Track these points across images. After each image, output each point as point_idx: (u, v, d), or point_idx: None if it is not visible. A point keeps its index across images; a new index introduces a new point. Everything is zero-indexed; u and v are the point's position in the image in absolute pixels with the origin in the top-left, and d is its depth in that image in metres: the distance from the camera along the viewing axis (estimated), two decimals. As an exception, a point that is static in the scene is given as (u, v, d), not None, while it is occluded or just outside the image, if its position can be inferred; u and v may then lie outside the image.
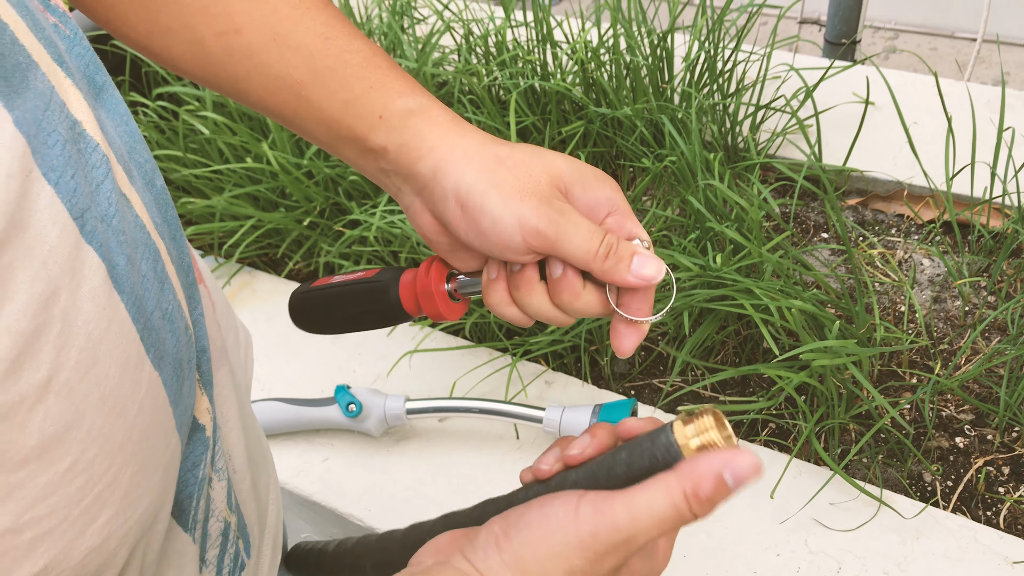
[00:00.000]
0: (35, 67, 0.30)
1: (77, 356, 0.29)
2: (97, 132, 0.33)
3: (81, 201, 0.30)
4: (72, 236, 0.29)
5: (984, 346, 0.90)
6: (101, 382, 0.30)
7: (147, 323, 0.33)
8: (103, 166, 0.32)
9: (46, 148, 0.29)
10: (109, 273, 0.31)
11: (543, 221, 0.46)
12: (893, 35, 2.87)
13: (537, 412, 0.82)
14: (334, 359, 0.99)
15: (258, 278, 1.11)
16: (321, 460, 0.88)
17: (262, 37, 0.48)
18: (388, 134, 0.49)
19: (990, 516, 0.78)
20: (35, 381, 0.28)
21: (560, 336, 0.91)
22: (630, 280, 0.47)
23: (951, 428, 0.84)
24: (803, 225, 1.07)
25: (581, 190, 0.49)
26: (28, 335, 0.27)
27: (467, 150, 0.48)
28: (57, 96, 0.31)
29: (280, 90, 0.49)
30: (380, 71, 0.50)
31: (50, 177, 0.29)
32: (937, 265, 0.99)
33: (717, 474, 0.37)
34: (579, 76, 1.14)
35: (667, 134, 1.01)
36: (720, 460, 0.38)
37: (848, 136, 1.08)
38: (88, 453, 0.30)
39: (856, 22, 1.44)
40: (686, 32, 1.14)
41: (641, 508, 0.38)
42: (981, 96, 1.14)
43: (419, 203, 0.50)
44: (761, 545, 0.76)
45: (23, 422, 0.28)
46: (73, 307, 0.29)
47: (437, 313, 0.53)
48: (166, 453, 0.36)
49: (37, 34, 0.31)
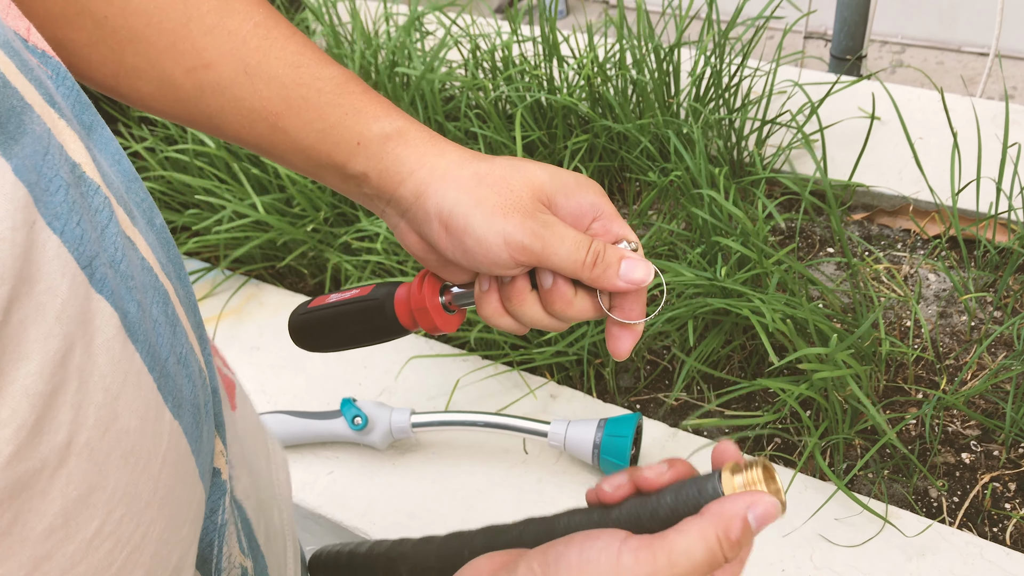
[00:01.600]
0: (30, 110, 0.28)
1: (96, 413, 0.28)
2: (96, 173, 0.31)
3: (89, 248, 0.29)
4: (82, 287, 0.28)
5: (990, 361, 0.90)
6: (122, 438, 0.29)
7: (163, 370, 0.32)
8: (106, 209, 0.31)
9: (48, 195, 0.27)
10: (122, 321, 0.30)
11: (528, 236, 0.46)
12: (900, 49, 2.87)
13: (542, 426, 0.82)
14: (340, 372, 0.99)
15: (265, 291, 1.11)
16: (326, 473, 0.89)
17: (232, 71, 0.48)
18: (367, 160, 0.49)
19: (996, 532, 0.77)
20: (55, 444, 0.26)
21: (564, 348, 0.91)
22: (619, 285, 0.48)
23: (957, 444, 0.84)
24: (809, 240, 1.07)
25: (564, 198, 0.49)
26: (46, 396, 0.26)
27: (446, 171, 0.48)
28: (55, 139, 0.29)
29: (255, 123, 0.49)
30: (354, 96, 0.49)
31: (55, 226, 0.27)
32: (943, 280, 0.99)
33: (743, 515, 0.38)
34: (585, 91, 1.14)
35: (672, 148, 1.01)
36: (743, 502, 0.39)
37: (854, 151, 1.08)
38: (115, 515, 0.29)
39: (862, 37, 1.45)
40: (692, 47, 1.14)
41: (679, 554, 0.38)
42: (987, 111, 1.14)
43: (404, 224, 0.51)
44: (766, 561, 0.76)
45: (45, 489, 0.26)
46: (88, 362, 0.28)
47: (433, 326, 0.53)
48: (192, 504, 0.35)
49: (27, 75, 0.29)
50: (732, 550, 0.38)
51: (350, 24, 1.27)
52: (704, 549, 0.38)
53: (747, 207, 0.97)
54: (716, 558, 0.38)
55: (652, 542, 0.38)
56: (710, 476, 0.41)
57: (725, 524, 0.38)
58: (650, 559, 0.38)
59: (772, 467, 0.40)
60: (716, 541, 0.38)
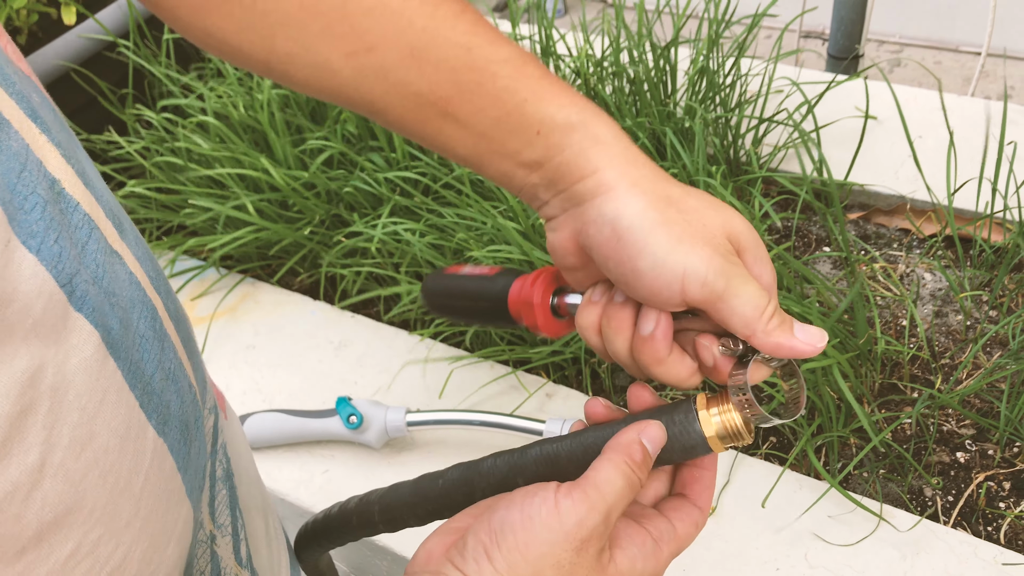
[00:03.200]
0: (7, 125, 0.28)
1: (71, 433, 0.27)
2: (78, 188, 0.31)
3: (68, 266, 0.28)
4: (59, 305, 0.27)
5: (985, 360, 0.90)
6: (100, 458, 0.28)
7: (147, 387, 0.31)
8: (86, 226, 0.30)
9: (23, 214, 0.27)
10: (103, 339, 0.29)
11: (713, 272, 0.41)
12: (897, 48, 2.88)
13: (538, 425, 0.82)
14: (336, 371, 0.99)
15: (261, 289, 1.11)
16: (322, 471, 0.89)
17: (397, 54, 0.44)
18: (547, 150, 0.45)
19: (991, 531, 0.77)
20: (26, 467, 0.26)
21: (560, 348, 0.91)
22: (797, 345, 0.42)
23: (952, 443, 0.84)
24: (805, 239, 1.07)
25: (752, 259, 0.45)
26: (14, 418, 0.25)
27: (637, 181, 0.44)
28: (33, 155, 0.29)
29: (422, 108, 0.45)
30: (533, 80, 0.45)
31: (31, 244, 0.27)
32: (939, 279, 0.99)
33: (638, 440, 0.43)
34: (582, 89, 1.14)
35: (668, 146, 1.01)
36: (635, 429, 0.43)
37: (850, 150, 1.08)
38: (91, 535, 0.28)
39: (859, 36, 1.45)
40: (689, 45, 1.14)
41: (602, 483, 0.41)
42: (984, 110, 1.14)
43: (565, 218, 0.46)
44: (760, 559, 0.76)
45: (19, 512, 0.26)
46: (63, 381, 0.27)
47: (535, 324, 0.51)
48: (178, 523, 0.34)
49: (7, 88, 0.29)
50: (641, 470, 0.42)
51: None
52: (620, 475, 0.41)
53: (743, 206, 0.97)
54: (632, 480, 0.42)
55: (578, 483, 0.41)
56: (684, 403, 0.45)
57: (627, 450, 0.42)
58: (583, 496, 0.40)
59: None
60: (626, 465, 0.42)
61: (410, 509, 0.49)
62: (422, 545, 0.44)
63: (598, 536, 0.40)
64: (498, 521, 0.41)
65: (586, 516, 0.40)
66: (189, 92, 1.27)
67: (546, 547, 0.39)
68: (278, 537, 0.55)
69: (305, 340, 1.03)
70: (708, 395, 0.45)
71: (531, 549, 0.39)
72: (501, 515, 0.41)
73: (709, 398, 0.45)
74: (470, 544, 0.41)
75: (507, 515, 0.41)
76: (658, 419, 0.44)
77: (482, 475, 0.47)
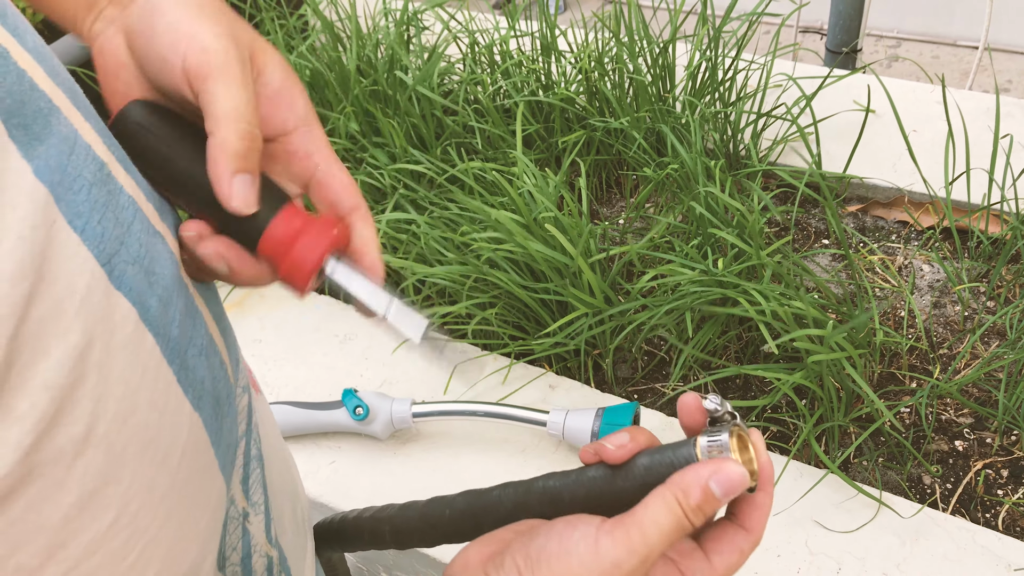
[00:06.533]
0: (57, 112, 0.29)
1: (115, 407, 0.28)
2: (121, 173, 0.32)
3: (109, 246, 0.29)
4: (102, 283, 0.29)
5: (983, 350, 0.91)
6: (140, 431, 0.30)
7: (183, 363, 0.32)
8: (131, 207, 0.32)
9: (71, 194, 0.28)
10: (141, 316, 0.30)
11: (218, 47, 0.37)
12: (895, 43, 2.88)
13: (541, 415, 0.83)
14: (342, 364, 1.00)
15: (266, 284, 1.12)
16: (328, 463, 0.90)
17: None
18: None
19: (989, 518, 0.79)
20: (73, 436, 0.27)
21: (563, 340, 0.92)
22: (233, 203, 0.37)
23: (950, 431, 0.85)
24: (804, 232, 1.08)
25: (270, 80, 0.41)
26: (65, 389, 0.27)
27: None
28: (81, 139, 0.30)
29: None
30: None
31: (76, 224, 0.28)
32: (937, 271, 1.00)
33: (704, 484, 0.39)
34: (583, 85, 1.15)
35: (668, 143, 1.02)
36: (708, 470, 0.39)
37: (849, 143, 1.09)
38: (131, 507, 0.29)
39: (857, 31, 1.46)
40: (687, 41, 1.15)
41: (648, 525, 0.39)
42: (981, 104, 1.15)
43: (117, 28, 0.42)
44: (761, 546, 0.77)
45: (62, 479, 0.27)
46: (108, 357, 0.28)
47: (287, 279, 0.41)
48: (211, 496, 0.35)
49: (54, 79, 0.30)
50: (696, 515, 0.39)
51: (350, 20, 1.28)
52: (669, 517, 0.39)
53: (743, 199, 0.98)
54: (682, 524, 0.39)
55: (623, 520, 0.40)
56: (687, 440, 0.42)
57: (685, 490, 0.39)
58: (625, 537, 0.39)
59: (747, 436, 0.41)
60: (679, 507, 0.39)
61: (420, 534, 0.50)
62: (463, 551, 0.44)
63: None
64: (536, 548, 0.40)
65: (624, 558, 0.39)
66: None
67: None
68: (304, 524, 0.56)
69: (311, 333, 1.04)
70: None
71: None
72: (540, 543, 0.41)
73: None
74: (507, 564, 0.41)
75: (546, 544, 0.40)
76: (659, 454, 0.42)
77: (488, 509, 0.47)
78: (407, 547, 0.51)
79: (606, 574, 0.39)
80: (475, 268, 0.92)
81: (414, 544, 0.51)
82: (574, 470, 0.45)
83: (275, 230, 0.40)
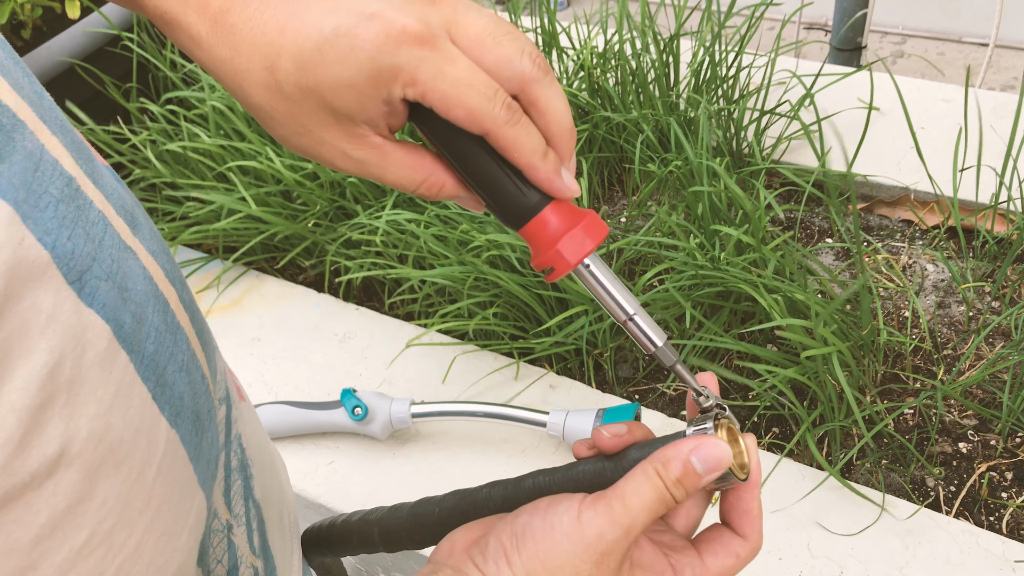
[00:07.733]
0: (21, 126, 0.28)
1: (88, 426, 0.28)
2: (90, 186, 0.31)
3: (80, 263, 0.29)
4: (70, 301, 0.28)
5: (988, 351, 0.90)
6: (115, 449, 0.29)
7: (160, 379, 0.32)
8: (101, 222, 0.31)
9: (38, 211, 0.27)
10: (115, 333, 0.30)
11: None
12: (900, 40, 2.87)
13: (541, 416, 0.83)
14: (340, 363, 0.99)
15: (266, 282, 1.12)
16: (327, 463, 0.89)
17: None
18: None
19: (993, 521, 0.78)
20: (45, 457, 0.26)
21: (563, 339, 0.91)
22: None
23: (954, 433, 0.84)
24: (808, 230, 1.07)
25: None
26: (34, 411, 0.26)
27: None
28: (48, 154, 0.29)
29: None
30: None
31: (46, 241, 0.27)
32: (941, 270, 0.99)
33: (684, 458, 0.40)
34: (585, 81, 1.14)
35: (672, 139, 1.01)
36: (689, 444, 0.40)
37: (854, 141, 1.08)
38: (105, 524, 0.29)
39: (862, 27, 1.45)
40: (692, 37, 1.14)
41: (630, 496, 0.40)
42: (988, 101, 1.14)
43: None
44: (763, 549, 0.76)
45: (31, 500, 0.26)
46: (79, 375, 0.28)
47: (552, 273, 0.44)
48: (191, 512, 0.35)
49: (19, 92, 0.29)
50: (676, 489, 0.40)
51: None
52: (651, 489, 0.40)
53: (747, 197, 0.97)
54: (664, 496, 0.40)
55: (605, 494, 0.40)
56: (676, 433, 0.43)
57: (665, 463, 0.40)
58: (607, 509, 0.40)
59: (736, 431, 0.43)
60: (659, 479, 0.40)
61: (408, 535, 0.50)
62: (448, 536, 0.44)
63: (619, 550, 0.40)
64: (521, 526, 0.41)
65: (607, 529, 0.39)
66: (193, 82, 1.27)
67: (564, 557, 0.39)
68: (292, 529, 0.55)
69: (310, 332, 1.03)
70: None
71: (550, 559, 0.39)
72: (524, 520, 0.41)
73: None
74: (492, 545, 0.41)
75: (530, 521, 0.41)
76: (649, 447, 0.43)
77: (477, 506, 0.47)
78: (397, 549, 0.51)
79: (590, 546, 0.39)
80: (474, 268, 0.91)
81: (403, 546, 0.51)
82: (563, 466, 0.46)
83: (547, 218, 0.42)
